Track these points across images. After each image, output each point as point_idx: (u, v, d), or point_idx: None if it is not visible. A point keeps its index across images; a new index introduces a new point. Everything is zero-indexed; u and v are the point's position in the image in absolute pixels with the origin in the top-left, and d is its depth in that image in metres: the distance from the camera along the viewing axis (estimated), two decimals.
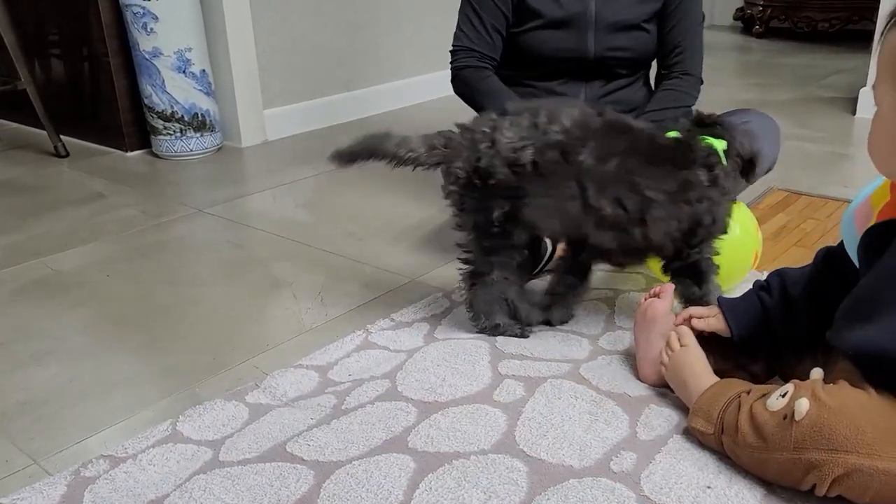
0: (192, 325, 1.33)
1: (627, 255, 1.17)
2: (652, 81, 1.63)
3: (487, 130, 1.09)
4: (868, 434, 0.75)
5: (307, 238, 1.70)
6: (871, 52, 2.46)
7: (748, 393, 0.88)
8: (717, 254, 1.16)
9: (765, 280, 1.01)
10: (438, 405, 1.03)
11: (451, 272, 1.49)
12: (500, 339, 1.19)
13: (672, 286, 1.11)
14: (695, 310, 1.06)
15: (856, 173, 2.01)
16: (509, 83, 1.54)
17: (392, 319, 1.29)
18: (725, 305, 1.02)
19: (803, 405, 0.79)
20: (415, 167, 1.15)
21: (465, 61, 1.55)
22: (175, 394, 1.12)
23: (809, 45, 3.89)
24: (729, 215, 1.15)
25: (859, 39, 3.59)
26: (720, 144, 1.13)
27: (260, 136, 2.50)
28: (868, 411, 0.77)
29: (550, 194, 1.07)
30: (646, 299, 1.10)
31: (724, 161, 1.12)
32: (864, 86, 2.48)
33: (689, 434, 0.94)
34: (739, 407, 0.86)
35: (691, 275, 1.15)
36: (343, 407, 1.04)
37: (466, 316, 1.26)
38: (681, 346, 0.99)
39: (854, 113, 2.50)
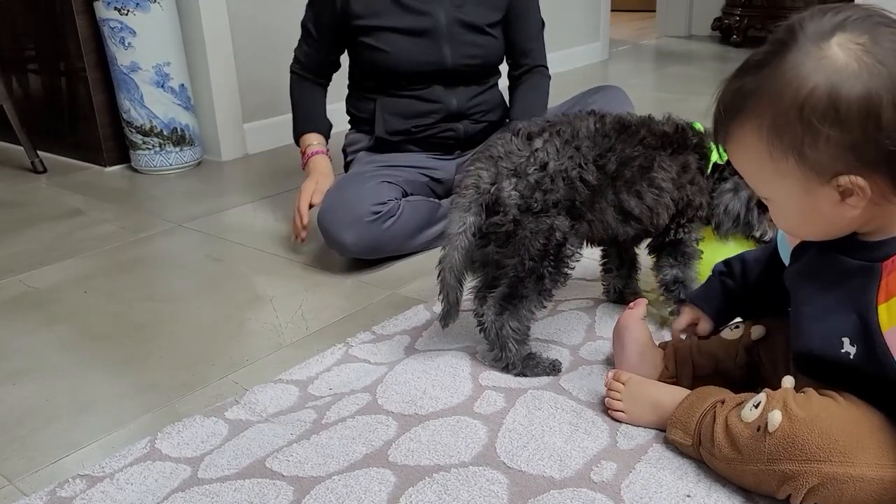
0: (171, 341, 1.32)
1: (636, 240, 1.25)
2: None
3: (528, 154, 1.07)
4: (840, 442, 0.77)
5: (287, 252, 1.69)
6: None
7: (723, 403, 0.89)
8: (702, 238, 1.22)
9: (724, 264, 1.05)
10: (419, 418, 1.02)
11: (430, 284, 1.49)
12: (479, 350, 1.19)
13: (645, 300, 1.13)
14: (680, 324, 1.08)
15: None
16: (374, 94, 1.68)
17: (373, 332, 1.29)
18: (698, 300, 1.07)
19: (776, 418, 0.80)
20: (478, 233, 1.08)
21: (294, 67, 1.77)
22: (153, 411, 1.11)
23: None
24: (708, 206, 1.20)
25: None
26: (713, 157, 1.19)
27: (240, 150, 2.50)
28: (838, 419, 0.78)
29: (594, 207, 1.11)
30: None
31: (709, 165, 1.18)
32: None
33: (667, 444, 0.94)
34: (715, 418, 0.87)
35: (675, 254, 1.20)
36: (323, 421, 1.03)
37: (447, 330, 1.26)
38: (623, 382, 0.99)
39: None
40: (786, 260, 0.92)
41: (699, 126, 1.20)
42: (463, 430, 0.99)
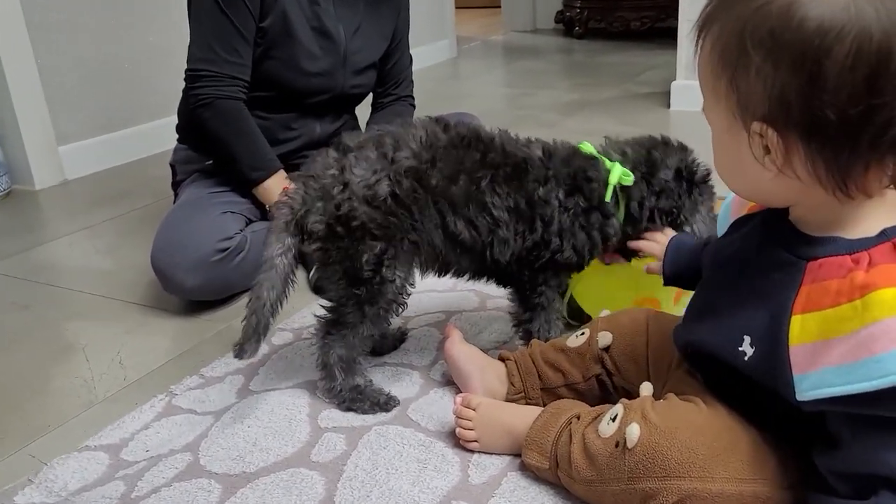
0: None
1: (483, 276, 1.08)
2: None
3: (336, 173, 0.96)
4: (700, 456, 0.71)
5: (107, 289, 1.50)
6: (677, 48, 2.57)
7: (578, 418, 0.82)
8: (564, 291, 1.08)
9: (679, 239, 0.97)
10: (246, 477, 0.89)
11: None
12: (319, 385, 1.07)
13: (453, 326, 1.05)
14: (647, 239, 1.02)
15: None
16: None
17: (201, 375, 1.14)
18: (674, 242, 0.97)
19: (634, 432, 0.74)
20: (299, 259, 0.99)
21: (222, 88, 1.39)
22: None
23: (625, 44, 4.06)
24: (591, 250, 1.03)
25: (667, 36, 3.77)
26: (621, 176, 1.00)
27: (57, 177, 2.23)
28: (699, 431, 0.73)
29: (415, 226, 0.97)
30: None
31: (608, 194, 1.00)
32: (675, 79, 2.58)
33: (523, 469, 0.86)
34: (571, 436, 0.80)
35: (525, 301, 1.06)
36: (133, 495, 0.88)
37: (287, 364, 1.14)
38: (473, 408, 0.91)
39: (668, 106, 2.60)
40: (721, 230, 0.82)
41: (588, 148, 1.03)
42: (297, 485, 0.87)
